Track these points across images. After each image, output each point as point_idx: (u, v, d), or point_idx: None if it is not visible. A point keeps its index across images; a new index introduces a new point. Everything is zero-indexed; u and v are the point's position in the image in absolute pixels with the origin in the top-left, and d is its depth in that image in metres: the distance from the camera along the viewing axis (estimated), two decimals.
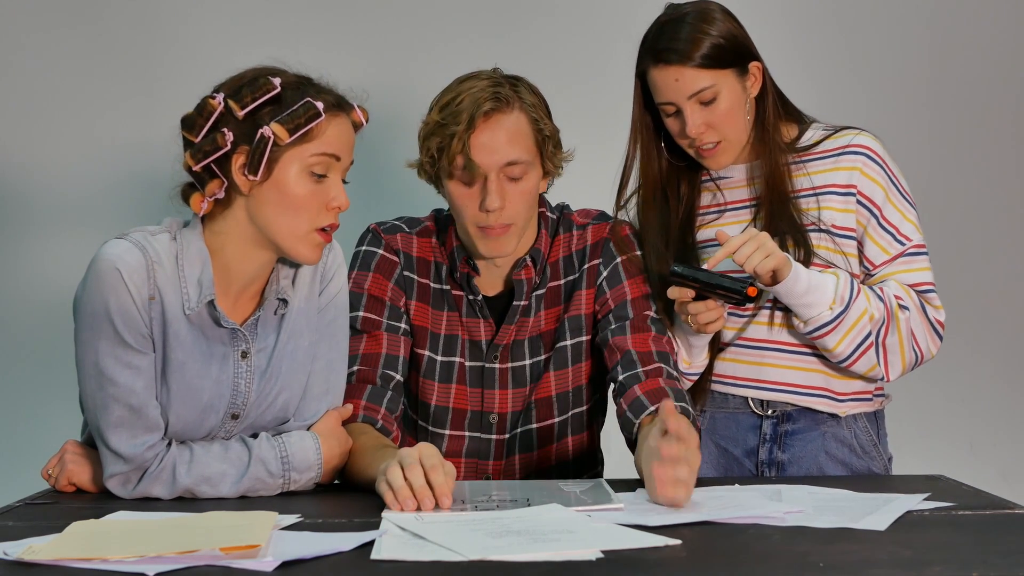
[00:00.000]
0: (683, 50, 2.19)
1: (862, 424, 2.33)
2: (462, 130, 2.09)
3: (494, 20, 3.26)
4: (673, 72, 2.21)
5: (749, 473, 2.34)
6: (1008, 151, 3.35)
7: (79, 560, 1.50)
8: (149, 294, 1.91)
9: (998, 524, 1.71)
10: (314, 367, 2.06)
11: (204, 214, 1.95)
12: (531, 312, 2.25)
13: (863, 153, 2.27)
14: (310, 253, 1.95)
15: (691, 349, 2.30)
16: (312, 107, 1.90)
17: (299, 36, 3.19)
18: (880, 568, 1.46)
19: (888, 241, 2.26)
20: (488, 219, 2.13)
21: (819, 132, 2.32)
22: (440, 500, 1.73)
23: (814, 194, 2.27)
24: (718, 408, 2.37)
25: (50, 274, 3.17)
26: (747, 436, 2.34)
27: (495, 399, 2.25)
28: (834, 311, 2.18)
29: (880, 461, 2.34)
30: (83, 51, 3.19)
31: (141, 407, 1.92)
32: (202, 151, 1.91)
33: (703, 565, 1.49)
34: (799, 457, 2.31)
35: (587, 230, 2.27)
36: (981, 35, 3.33)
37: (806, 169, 2.29)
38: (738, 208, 2.34)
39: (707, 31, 2.20)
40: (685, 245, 2.32)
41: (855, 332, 2.20)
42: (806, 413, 2.32)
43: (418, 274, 2.26)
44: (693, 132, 2.23)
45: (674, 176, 2.36)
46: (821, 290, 2.18)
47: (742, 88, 2.25)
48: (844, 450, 2.31)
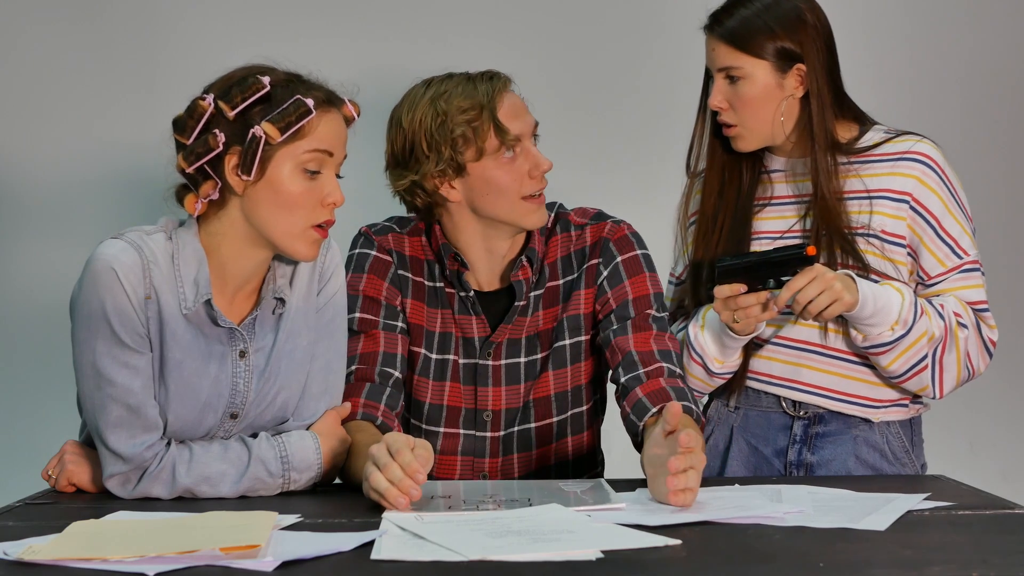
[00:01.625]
0: (730, 27, 2.23)
1: (895, 430, 2.32)
2: (489, 104, 2.12)
3: (492, 18, 3.25)
4: (714, 42, 2.26)
5: (777, 473, 2.33)
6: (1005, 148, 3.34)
7: (79, 560, 1.50)
8: (145, 293, 1.91)
9: (998, 524, 1.71)
10: (313, 367, 2.06)
11: (199, 214, 1.95)
12: (528, 311, 2.25)
13: (922, 161, 2.24)
14: (307, 250, 1.95)
15: (725, 350, 2.28)
16: (302, 104, 1.90)
17: (297, 33, 3.18)
18: (880, 568, 1.46)
19: (946, 253, 2.23)
20: (538, 184, 2.17)
21: (879, 135, 2.29)
22: (413, 477, 1.75)
23: (867, 197, 2.25)
24: (751, 406, 2.36)
25: (48, 274, 3.17)
26: (777, 436, 2.34)
27: (488, 396, 2.25)
28: (895, 332, 2.18)
29: (912, 468, 2.32)
30: (80, 50, 3.19)
31: (139, 407, 1.92)
32: (194, 153, 1.91)
33: (703, 565, 1.49)
34: (828, 460, 2.30)
35: (585, 230, 2.27)
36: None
37: (860, 171, 2.26)
38: (787, 203, 2.33)
39: (765, 20, 2.22)
40: (742, 236, 2.32)
41: (911, 352, 2.20)
42: (838, 416, 2.31)
43: (412, 272, 2.26)
44: (712, 103, 2.27)
45: (735, 159, 2.35)
46: (886, 312, 2.16)
47: (777, 84, 2.24)
48: (875, 455, 2.30)
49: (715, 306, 2.20)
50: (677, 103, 2.66)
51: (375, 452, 1.80)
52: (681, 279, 2.44)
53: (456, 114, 2.12)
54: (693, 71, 2.40)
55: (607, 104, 3.25)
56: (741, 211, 2.33)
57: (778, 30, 2.22)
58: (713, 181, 2.36)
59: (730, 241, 2.32)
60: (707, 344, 2.29)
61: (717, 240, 2.33)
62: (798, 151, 2.31)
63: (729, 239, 2.32)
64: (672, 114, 2.75)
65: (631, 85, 3.25)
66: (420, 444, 1.81)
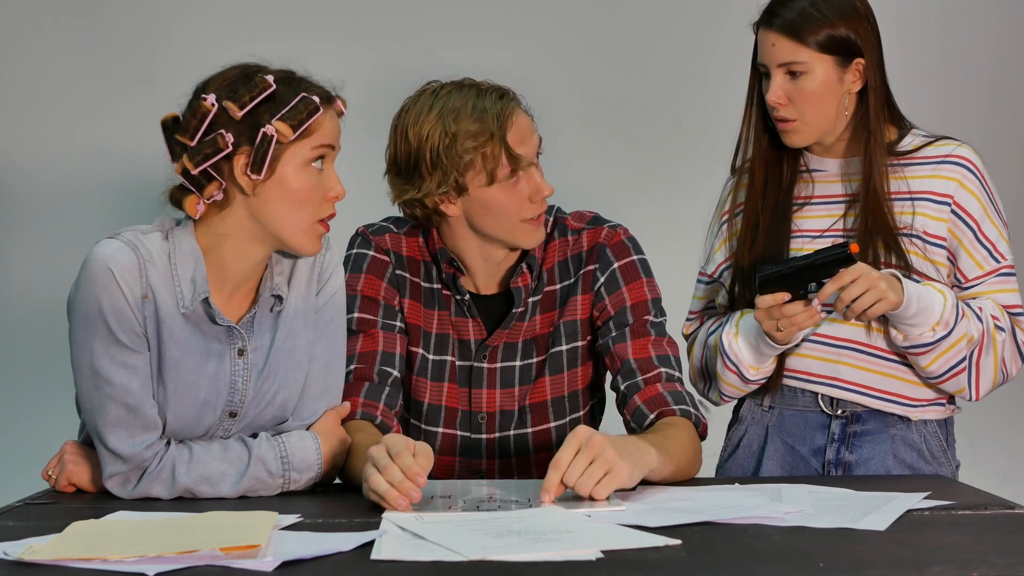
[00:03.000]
0: (789, 20, 2.22)
1: (932, 429, 2.32)
2: (500, 130, 2.09)
3: (489, 18, 3.25)
4: (772, 37, 2.24)
5: (815, 472, 2.33)
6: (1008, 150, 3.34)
7: (79, 560, 1.50)
8: (142, 292, 1.91)
9: (998, 524, 1.71)
10: (312, 367, 2.06)
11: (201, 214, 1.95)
12: (526, 316, 2.25)
13: (964, 165, 2.26)
14: (313, 245, 1.96)
15: (761, 357, 2.29)
16: (311, 102, 1.90)
17: (289, 31, 3.19)
18: (880, 568, 1.46)
19: (984, 257, 2.26)
20: (540, 207, 2.16)
21: (919, 138, 2.31)
22: (414, 480, 1.75)
23: (910, 199, 2.26)
24: (787, 405, 2.36)
25: (47, 274, 3.17)
26: (815, 435, 2.34)
27: (483, 398, 2.24)
28: (936, 333, 2.19)
29: (948, 467, 2.33)
30: (77, 50, 3.19)
31: (138, 406, 1.92)
32: (201, 154, 1.90)
33: (703, 565, 1.49)
34: (867, 459, 2.30)
35: (582, 235, 2.26)
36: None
37: (903, 173, 2.28)
38: (828, 203, 2.33)
39: (823, 11, 2.22)
40: (781, 234, 2.32)
41: (951, 354, 2.21)
42: (876, 415, 2.31)
43: (410, 272, 2.26)
44: (772, 99, 2.25)
45: (776, 156, 2.36)
46: (928, 312, 2.18)
47: (838, 78, 2.24)
48: (913, 454, 2.30)
49: (757, 315, 2.20)
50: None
51: (375, 454, 1.80)
52: (713, 277, 2.43)
53: (465, 138, 2.09)
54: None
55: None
56: (781, 209, 2.34)
57: (838, 23, 2.22)
58: (758, 177, 2.36)
59: (770, 239, 2.32)
60: (742, 352, 2.29)
61: (755, 238, 2.33)
62: (842, 150, 2.32)
63: (769, 237, 2.32)
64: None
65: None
66: (420, 448, 1.81)
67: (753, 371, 2.30)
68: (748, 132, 2.36)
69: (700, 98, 3.30)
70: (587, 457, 1.79)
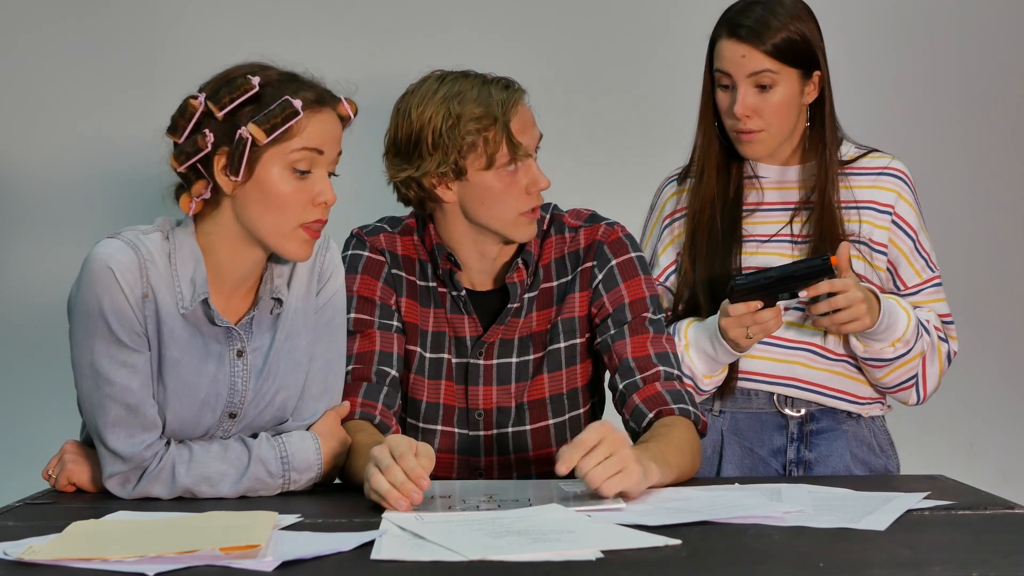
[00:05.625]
0: (761, 33, 2.25)
1: (879, 424, 2.41)
2: (504, 116, 2.11)
3: (490, 17, 3.25)
4: (742, 48, 2.26)
5: (776, 473, 2.35)
6: (1008, 150, 3.34)
7: (79, 560, 1.50)
8: (143, 292, 1.91)
9: (998, 524, 1.71)
10: (312, 367, 2.06)
11: (195, 213, 1.95)
12: (522, 313, 2.25)
13: (901, 178, 2.35)
14: (298, 249, 1.95)
15: (715, 365, 2.31)
16: (289, 106, 1.89)
17: (299, 31, 3.18)
18: (880, 568, 1.46)
19: (923, 266, 2.35)
20: (536, 200, 2.17)
21: (853, 149, 2.39)
22: (417, 482, 1.75)
23: (856, 207, 2.33)
24: (740, 408, 2.38)
25: (48, 273, 3.17)
26: (773, 436, 2.37)
27: (479, 395, 2.25)
28: (896, 350, 2.26)
29: (895, 460, 2.41)
30: (78, 49, 3.19)
31: (138, 406, 1.92)
32: (184, 152, 1.91)
33: (703, 565, 1.49)
34: (826, 456, 2.35)
35: (579, 232, 2.27)
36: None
37: (848, 182, 2.34)
38: (773, 209, 2.37)
39: (789, 25, 2.25)
40: (734, 237, 2.36)
41: (905, 369, 2.29)
42: (828, 413, 2.36)
43: (405, 271, 2.26)
44: (740, 111, 2.27)
45: (724, 162, 2.39)
46: (892, 330, 2.25)
47: (799, 90, 2.29)
48: (864, 449, 2.37)
49: (724, 323, 2.22)
50: (679, 101, 2.65)
51: (377, 454, 1.80)
52: (659, 281, 2.43)
53: (468, 120, 2.11)
54: (696, 70, 2.41)
55: (611, 100, 3.25)
56: (731, 216, 2.37)
57: (803, 36, 2.27)
58: (710, 185, 2.38)
59: (722, 246, 2.35)
60: (695, 364, 2.31)
61: (707, 244, 2.36)
62: (784, 157, 2.37)
63: (721, 243, 2.36)
64: (674, 111, 2.74)
65: (638, 82, 3.25)
66: (422, 449, 1.80)
67: (707, 379, 2.33)
68: (702, 140, 2.39)
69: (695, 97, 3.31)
70: (606, 450, 1.79)
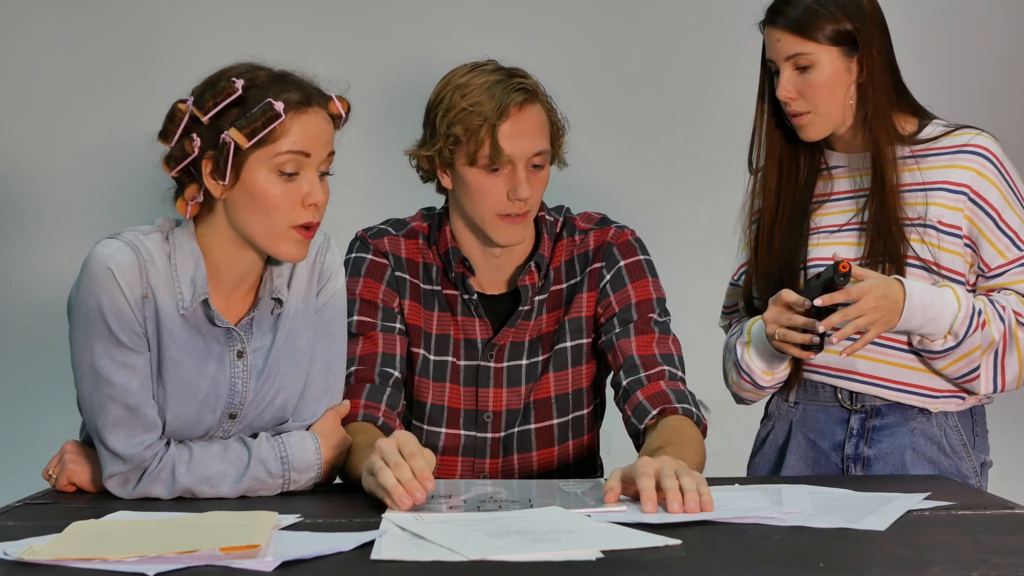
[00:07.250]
0: (792, 16, 2.24)
1: (952, 422, 2.32)
2: (494, 118, 2.12)
3: (491, 16, 3.25)
4: (776, 33, 2.26)
5: (835, 467, 2.33)
6: None
7: (79, 560, 1.50)
8: (142, 293, 1.91)
9: (998, 524, 1.71)
10: (312, 367, 2.06)
11: (191, 215, 1.95)
12: (532, 315, 2.25)
13: (981, 154, 2.26)
14: (290, 250, 1.94)
15: (773, 362, 2.30)
16: (270, 109, 1.88)
17: (295, 31, 3.19)
18: (880, 568, 1.46)
19: (1006, 245, 2.25)
20: (514, 207, 2.16)
21: (938, 128, 2.31)
22: (423, 483, 1.74)
23: (923, 190, 2.26)
24: (810, 400, 2.37)
25: (49, 274, 3.17)
26: (835, 430, 2.34)
27: (489, 397, 2.25)
28: (946, 343, 2.20)
29: (969, 463, 2.32)
30: (77, 49, 3.19)
31: (138, 406, 1.92)
32: (174, 157, 1.92)
33: (703, 565, 1.48)
34: (885, 453, 2.30)
35: (589, 235, 2.28)
36: None
37: (918, 165, 2.27)
38: (846, 198, 2.34)
39: (825, 5, 2.23)
40: (799, 233, 2.33)
41: (964, 362, 2.22)
42: (895, 408, 2.31)
43: (409, 274, 2.27)
44: (782, 94, 2.26)
45: (792, 153, 2.36)
46: (936, 323, 2.18)
47: (845, 68, 2.25)
48: (932, 448, 2.30)
49: (767, 314, 2.20)
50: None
51: (385, 448, 1.79)
52: (734, 280, 2.44)
53: (459, 113, 2.13)
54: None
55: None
56: (799, 207, 2.34)
57: (839, 15, 2.23)
58: (772, 176, 2.36)
59: (787, 237, 2.33)
60: (754, 362, 2.30)
61: (772, 238, 2.34)
62: (859, 144, 2.32)
63: (786, 236, 2.33)
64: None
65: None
66: (424, 452, 1.80)
67: (767, 376, 2.31)
68: (760, 131, 2.37)
69: (714, 98, 3.31)
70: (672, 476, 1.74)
